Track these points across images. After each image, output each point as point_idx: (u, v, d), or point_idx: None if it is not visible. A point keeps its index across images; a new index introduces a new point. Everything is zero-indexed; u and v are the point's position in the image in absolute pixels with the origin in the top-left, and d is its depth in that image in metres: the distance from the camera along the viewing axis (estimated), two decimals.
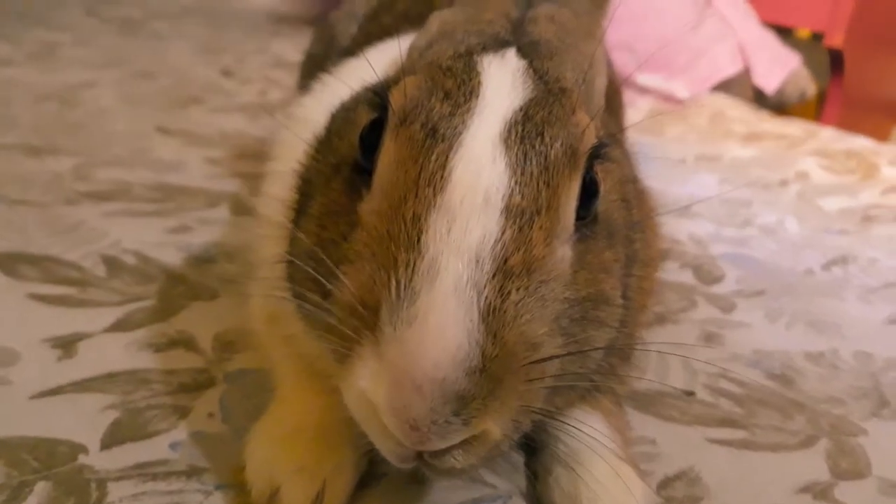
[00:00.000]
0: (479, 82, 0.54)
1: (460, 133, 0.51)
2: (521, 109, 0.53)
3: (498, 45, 0.60)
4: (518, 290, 0.48)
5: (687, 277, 1.12)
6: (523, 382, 0.48)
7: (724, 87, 2.22)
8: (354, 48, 1.05)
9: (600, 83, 0.67)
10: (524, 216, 0.50)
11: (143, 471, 0.61)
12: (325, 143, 0.65)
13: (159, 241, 1.01)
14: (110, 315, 0.82)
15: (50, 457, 0.61)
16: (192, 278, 0.92)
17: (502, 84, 0.55)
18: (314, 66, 1.18)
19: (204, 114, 1.62)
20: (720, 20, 2.28)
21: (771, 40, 2.38)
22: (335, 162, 0.61)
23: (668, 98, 2.12)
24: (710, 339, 0.95)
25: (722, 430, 0.76)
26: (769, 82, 2.27)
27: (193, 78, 1.87)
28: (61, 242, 0.97)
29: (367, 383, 0.46)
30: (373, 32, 0.98)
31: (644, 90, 2.13)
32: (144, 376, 0.73)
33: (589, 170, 0.54)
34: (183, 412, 0.69)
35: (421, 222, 0.49)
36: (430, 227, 0.48)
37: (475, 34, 0.61)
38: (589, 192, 0.55)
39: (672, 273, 1.13)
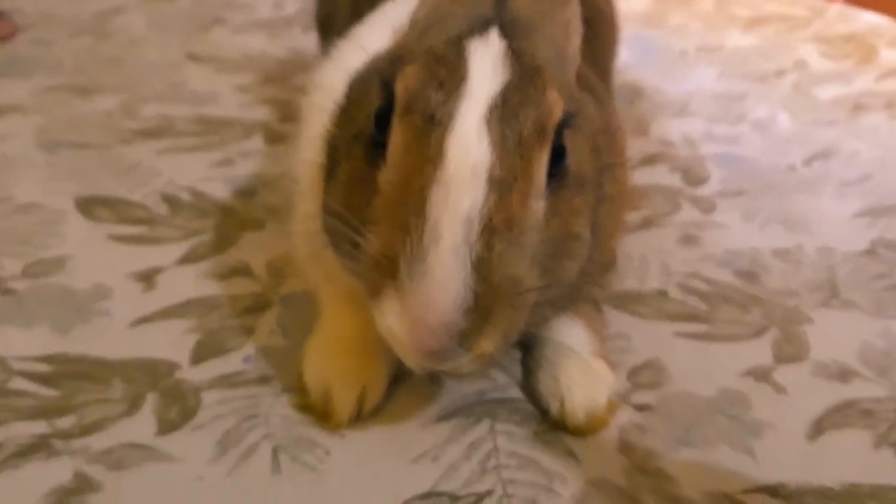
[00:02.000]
0: (466, 69, 0.66)
1: (452, 117, 0.64)
2: (500, 93, 0.65)
3: (483, 25, 0.71)
4: (501, 241, 0.62)
5: (675, 180, 1.24)
6: (509, 309, 0.64)
7: None
8: None
9: (574, 44, 0.78)
10: (504, 184, 0.63)
11: (226, 381, 0.79)
12: (346, 112, 0.77)
13: (206, 176, 1.16)
14: (178, 250, 0.99)
15: (154, 373, 0.80)
16: (240, 210, 1.08)
17: (485, 69, 0.67)
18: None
19: (227, 35, 1.72)
20: None
21: None
22: (355, 131, 0.74)
23: None
24: (688, 240, 1.08)
25: (687, 325, 0.91)
26: None
27: None
28: (125, 183, 1.12)
29: (392, 321, 0.62)
30: None
31: None
32: (214, 302, 0.90)
33: (558, 138, 0.67)
34: (249, 331, 0.86)
35: (425, 193, 0.63)
36: (433, 197, 0.62)
37: (463, 17, 0.72)
38: (559, 155, 0.68)
39: (661, 176, 1.25)
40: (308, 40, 1.65)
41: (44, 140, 1.22)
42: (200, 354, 0.82)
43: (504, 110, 0.65)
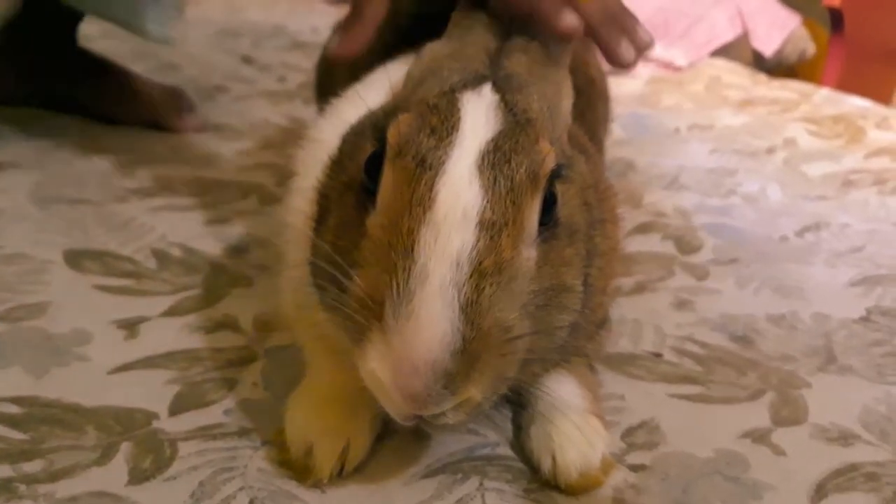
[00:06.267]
0: (458, 118, 0.67)
1: (444, 162, 0.64)
2: (492, 140, 0.66)
3: (477, 80, 0.72)
4: (490, 285, 0.61)
5: (668, 248, 1.24)
6: (498, 357, 0.62)
7: (723, 51, 2.30)
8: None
9: (566, 104, 0.79)
10: (494, 228, 0.63)
11: (204, 432, 0.76)
12: (338, 164, 0.78)
13: (200, 234, 1.15)
14: (164, 302, 0.97)
15: (130, 422, 0.77)
16: (231, 267, 1.07)
17: (478, 119, 0.67)
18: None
19: (230, 103, 1.75)
20: None
21: (770, 2, 2.43)
22: (346, 180, 0.74)
23: (667, 65, 2.21)
24: (682, 305, 1.07)
25: (682, 387, 0.89)
26: (768, 46, 2.34)
27: (216, 66, 1.99)
28: (116, 238, 1.12)
29: (376, 364, 0.60)
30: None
31: (644, 59, 2.21)
32: (197, 354, 0.88)
33: (549, 187, 0.67)
34: (231, 384, 0.84)
35: (414, 234, 0.62)
36: (421, 239, 0.61)
37: (458, 71, 0.73)
38: (549, 203, 0.68)
39: (654, 244, 1.25)
40: (309, 112, 1.68)
41: (38, 195, 1.22)
42: (180, 405, 0.79)
43: (496, 156, 0.65)
